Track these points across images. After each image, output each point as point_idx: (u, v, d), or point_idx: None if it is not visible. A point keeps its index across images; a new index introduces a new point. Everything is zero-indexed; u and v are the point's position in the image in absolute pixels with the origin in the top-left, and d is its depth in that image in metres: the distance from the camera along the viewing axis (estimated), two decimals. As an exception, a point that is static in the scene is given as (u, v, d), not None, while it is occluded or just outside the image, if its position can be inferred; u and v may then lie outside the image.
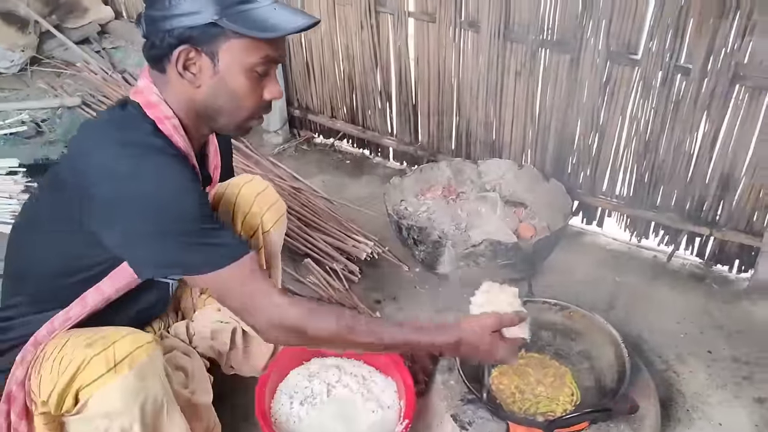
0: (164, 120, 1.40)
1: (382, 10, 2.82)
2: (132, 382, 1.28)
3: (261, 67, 1.39)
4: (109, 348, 1.28)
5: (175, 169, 1.33)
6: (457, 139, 2.93)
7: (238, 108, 1.42)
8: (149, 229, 1.30)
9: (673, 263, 2.55)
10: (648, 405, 1.75)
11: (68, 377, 1.27)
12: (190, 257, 1.32)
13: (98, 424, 1.30)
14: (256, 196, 1.76)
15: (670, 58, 2.23)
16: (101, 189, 1.29)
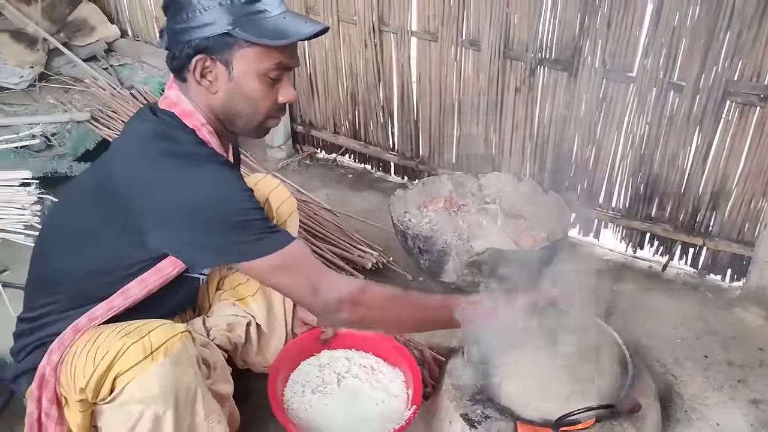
0: (201, 128, 1.51)
1: (386, 29, 2.92)
2: (168, 369, 1.35)
3: (274, 72, 1.49)
4: (145, 337, 1.35)
5: (227, 173, 1.46)
6: (457, 154, 3.02)
7: (254, 111, 1.53)
8: (213, 227, 1.40)
9: (667, 273, 2.64)
10: (649, 404, 1.82)
11: (106, 365, 1.33)
12: (246, 246, 1.42)
13: (133, 409, 1.36)
14: (271, 192, 1.90)
15: (664, 75, 2.34)
16: (159, 199, 1.40)
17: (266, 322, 1.96)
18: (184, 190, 1.40)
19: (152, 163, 1.43)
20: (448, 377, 1.93)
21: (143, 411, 1.36)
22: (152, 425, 1.38)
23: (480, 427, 1.77)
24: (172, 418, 1.38)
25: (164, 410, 1.37)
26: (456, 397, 1.86)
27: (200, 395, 1.43)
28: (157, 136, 1.48)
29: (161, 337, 1.36)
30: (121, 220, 1.44)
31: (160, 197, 1.40)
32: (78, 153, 3.02)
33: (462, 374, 1.87)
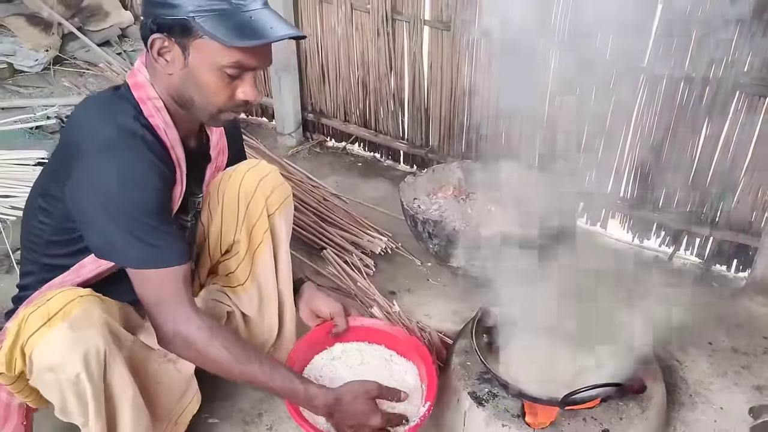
0: (146, 101, 1.50)
1: (399, 18, 2.95)
2: (67, 333, 1.33)
3: (231, 70, 1.44)
4: (44, 304, 1.35)
5: (141, 163, 1.43)
6: (467, 143, 3.05)
7: (206, 102, 1.49)
8: (101, 216, 1.42)
9: (673, 263, 2.66)
10: (655, 386, 1.85)
11: (12, 336, 1.35)
12: (127, 250, 1.44)
13: (48, 378, 1.36)
14: (260, 180, 1.79)
15: (674, 66, 2.37)
16: (78, 166, 1.42)
17: (257, 312, 1.88)
18: (93, 163, 1.41)
19: (85, 128, 1.48)
20: (456, 356, 1.97)
21: (58, 379, 1.35)
22: (74, 390, 1.37)
23: (487, 404, 1.80)
24: (87, 381, 1.36)
25: (75, 374, 1.34)
26: (464, 375, 1.89)
27: (109, 359, 1.39)
28: (102, 102, 1.52)
29: (59, 302, 1.36)
30: (62, 182, 1.47)
31: (82, 165, 1.41)
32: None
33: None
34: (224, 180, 1.79)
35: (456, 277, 2.54)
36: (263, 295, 1.86)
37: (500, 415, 1.77)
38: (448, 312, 2.35)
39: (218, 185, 1.79)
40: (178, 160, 1.56)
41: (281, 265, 1.86)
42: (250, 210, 1.77)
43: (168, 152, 1.53)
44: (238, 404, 2.00)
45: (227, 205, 1.78)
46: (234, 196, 1.77)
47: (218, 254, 1.87)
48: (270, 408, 1.99)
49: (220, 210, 1.79)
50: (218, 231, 1.81)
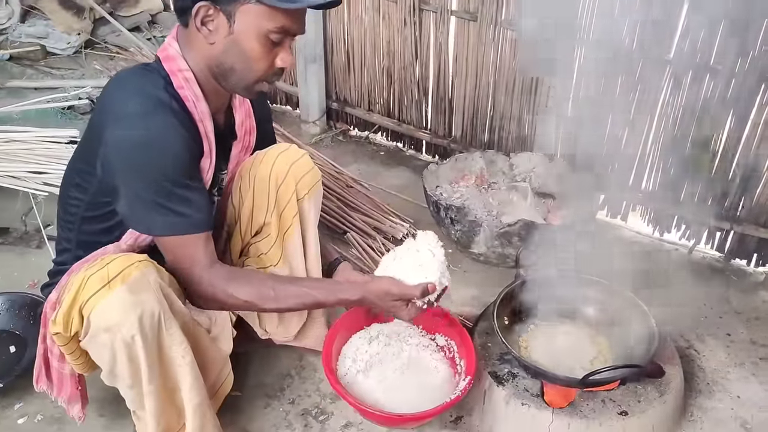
0: (177, 72, 1.53)
1: (426, 8, 2.98)
2: (125, 296, 1.38)
3: (275, 35, 1.47)
4: (104, 267, 1.40)
5: (166, 130, 1.46)
6: (490, 133, 3.07)
7: (248, 70, 1.52)
8: (127, 182, 1.47)
9: (693, 256, 2.68)
10: (673, 372, 1.88)
11: (71, 297, 1.39)
12: (150, 216, 1.49)
13: (103, 339, 1.41)
14: (291, 165, 1.82)
15: (701, 59, 2.38)
16: (107, 136, 1.45)
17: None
18: (123, 131, 1.44)
19: (115, 100, 1.50)
20: (477, 338, 2.00)
21: (113, 339, 1.39)
22: (127, 352, 1.41)
23: (507, 384, 1.84)
24: (141, 343, 1.40)
25: (131, 335, 1.39)
26: (484, 356, 1.93)
27: (165, 323, 1.44)
28: (133, 75, 1.55)
29: (119, 266, 1.40)
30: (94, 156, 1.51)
31: (110, 134, 1.45)
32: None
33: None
34: (255, 163, 1.83)
35: (477, 263, 2.57)
36: (294, 274, 1.89)
37: (520, 394, 1.80)
38: (468, 297, 2.38)
39: (249, 168, 1.83)
40: (207, 132, 1.59)
41: (309, 249, 1.91)
42: (281, 194, 1.81)
43: (195, 123, 1.56)
44: (260, 377, 2.05)
45: (258, 188, 1.82)
46: (265, 179, 1.81)
47: (249, 236, 1.91)
48: (292, 384, 2.03)
49: (252, 193, 1.83)
50: (249, 213, 1.86)
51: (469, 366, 1.84)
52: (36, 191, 2.54)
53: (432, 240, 1.74)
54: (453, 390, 1.81)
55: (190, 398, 1.54)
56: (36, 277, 2.39)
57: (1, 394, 1.93)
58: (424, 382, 1.85)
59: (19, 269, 2.47)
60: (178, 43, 1.56)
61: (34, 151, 2.64)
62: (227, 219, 1.91)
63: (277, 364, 2.09)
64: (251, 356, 2.09)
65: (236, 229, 1.90)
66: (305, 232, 1.87)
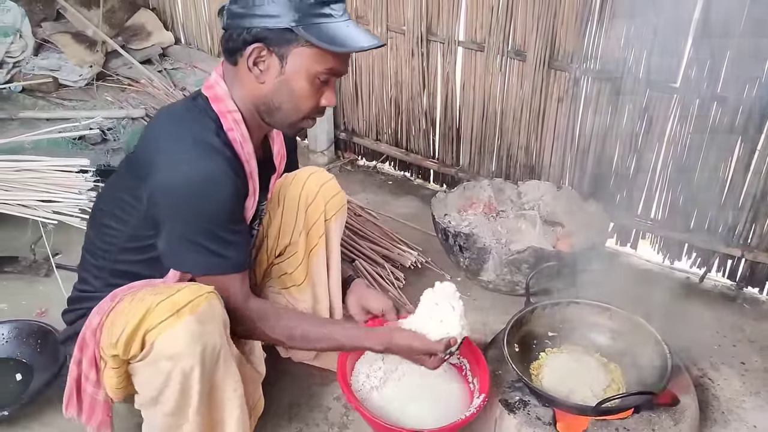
0: (227, 114, 1.56)
1: (433, 38, 3.02)
2: (194, 326, 1.39)
3: (324, 76, 1.52)
4: (174, 295, 1.41)
5: (219, 176, 1.48)
6: (497, 162, 3.08)
7: (295, 109, 1.56)
8: (172, 223, 1.49)
9: (704, 284, 2.65)
10: (688, 400, 1.85)
11: (137, 321, 1.39)
12: (191, 257, 1.51)
13: (163, 366, 1.40)
14: (321, 186, 1.91)
15: (707, 87, 2.39)
16: (159, 176, 1.47)
17: (310, 311, 1.99)
18: (174, 174, 1.45)
19: (164, 141, 1.52)
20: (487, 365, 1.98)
21: (172, 368, 1.40)
22: (182, 381, 1.42)
23: (518, 412, 1.81)
24: (198, 375, 1.42)
25: (191, 366, 1.40)
26: (494, 383, 1.90)
27: (223, 356, 1.46)
28: (181, 116, 1.56)
29: (188, 296, 1.41)
30: (140, 193, 1.53)
31: (163, 176, 1.47)
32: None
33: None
34: (285, 184, 1.89)
35: (486, 291, 2.56)
36: (316, 295, 1.98)
37: (531, 422, 1.77)
38: (478, 324, 2.36)
39: (279, 189, 1.89)
40: (252, 172, 1.62)
41: (332, 269, 1.97)
42: (309, 213, 1.88)
43: (243, 165, 1.58)
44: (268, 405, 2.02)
45: (287, 207, 1.88)
46: (295, 198, 1.87)
47: (273, 256, 1.97)
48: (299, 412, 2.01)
49: (281, 212, 1.89)
50: (277, 232, 1.92)
51: (482, 384, 1.83)
52: (46, 220, 2.54)
53: (450, 292, 1.76)
54: (467, 408, 1.80)
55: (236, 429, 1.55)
56: (44, 306, 2.39)
57: (7, 423, 1.91)
58: (437, 399, 1.84)
59: (27, 298, 2.47)
60: (225, 81, 1.58)
61: (45, 180, 2.65)
62: (255, 240, 1.93)
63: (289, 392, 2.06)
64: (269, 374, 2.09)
65: (263, 248, 1.95)
66: (329, 252, 1.94)
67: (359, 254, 2.68)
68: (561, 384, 1.89)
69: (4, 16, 3.63)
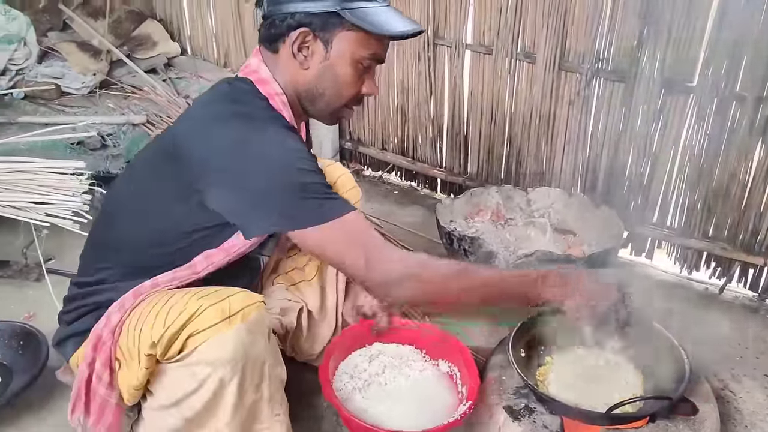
0: (275, 96, 1.52)
1: (440, 42, 2.94)
2: (244, 335, 1.33)
3: (367, 61, 1.50)
4: (224, 300, 1.34)
5: (292, 136, 1.45)
6: (506, 169, 2.98)
7: (338, 95, 1.53)
8: (269, 185, 1.38)
9: (724, 296, 2.52)
10: (708, 410, 1.70)
11: (182, 323, 1.32)
12: (303, 210, 1.38)
13: (200, 371, 1.33)
14: (338, 178, 1.89)
15: (725, 86, 2.28)
16: (224, 159, 1.39)
17: (318, 309, 1.93)
18: (246, 147, 1.38)
19: (216, 121, 1.44)
20: (491, 371, 1.85)
21: (210, 374, 1.33)
22: (216, 390, 1.34)
23: (524, 420, 1.67)
24: (236, 387, 1.34)
25: (231, 377, 1.33)
26: (498, 390, 1.77)
27: (268, 372, 1.40)
28: (227, 98, 1.50)
29: (240, 303, 1.35)
30: (179, 185, 1.45)
31: (220, 153, 1.39)
32: (131, 155, 3.07)
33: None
34: None
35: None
36: (326, 292, 1.93)
37: (537, 430, 1.64)
38: (484, 332, 2.23)
39: None
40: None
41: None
42: None
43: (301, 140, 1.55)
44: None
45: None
46: None
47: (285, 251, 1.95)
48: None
49: None
50: None
51: (471, 392, 1.71)
52: (37, 222, 2.47)
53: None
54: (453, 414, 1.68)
55: None
56: (32, 310, 2.32)
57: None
58: (423, 405, 1.73)
59: (15, 302, 2.39)
60: (267, 66, 1.54)
61: (38, 182, 2.58)
62: None
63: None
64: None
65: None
66: None
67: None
68: (569, 391, 1.74)
69: (9, 24, 3.60)
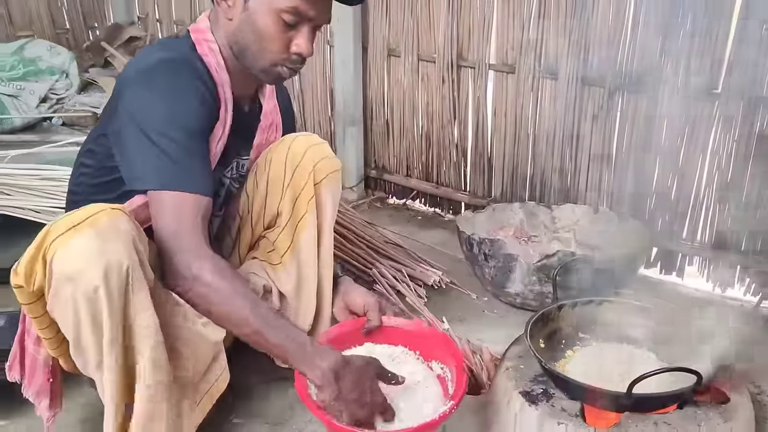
0: (202, 42, 1.56)
1: (464, 64, 2.97)
2: (92, 241, 1.23)
3: (288, 15, 1.47)
4: (73, 214, 1.27)
5: (182, 81, 1.46)
6: (530, 189, 2.93)
7: (262, 49, 1.52)
8: (131, 129, 1.42)
9: (760, 311, 2.38)
10: (741, 400, 1.58)
11: (36, 244, 1.25)
12: (150, 164, 1.41)
13: (65, 293, 1.24)
14: (309, 147, 1.72)
15: (751, 90, 2.24)
16: (129, 82, 1.46)
17: (294, 293, 1.76)
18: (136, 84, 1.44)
19: (134, 63, 1.52)
20: (508, 361, 1.76)
21: (74, 292, 1.23)
22: (89, 308, 1.24)
23: (541, 404, 1.57)
24: (105, 298, 1.23)
25: (94, 286, 1.22)
26: (515, 377, 1.68)
27: (133, 280, 1.27)
28: (158, 43, 1.61)
29: (87, 212, 1.26)
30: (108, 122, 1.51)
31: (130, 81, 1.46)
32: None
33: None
34: (272, 148, 1.77)
35: (513, 308, 2.36)
36: (302, 274, 1.74)
37: (556, 414, 1.53)
38: (502, 336, 2.13)
39: (266, 155, 1.77)
40: (226, 99, 1.57)
41: (323, 244, 1.76)
42: (296, 176, 1.70)
43: (216, 87, 1.54)
44: (263, 407, 1.85)
45: (273, 172, 1.72)
46: (281, 160, 1.71)
47: (261, 228, 1.80)
48: (293, 415, 1.82)
49: (266, 177, 1.74)
50: (263, 200, 1.76)
51: (456, 394, 1.54)
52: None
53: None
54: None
55: (144, 375, 1.33)
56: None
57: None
58: (410, 407, 1.57)
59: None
60: (209, 21, 1.60)
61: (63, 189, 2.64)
62: (240, 210, 1.81)
63: (283, 395, 1.88)
64: (259, 386, 1.92)
65: (247, 218, 1.79)
66: (321, 223, 1.73)
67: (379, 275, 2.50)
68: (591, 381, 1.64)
69: (54, 58, 3.79)
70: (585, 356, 1.76)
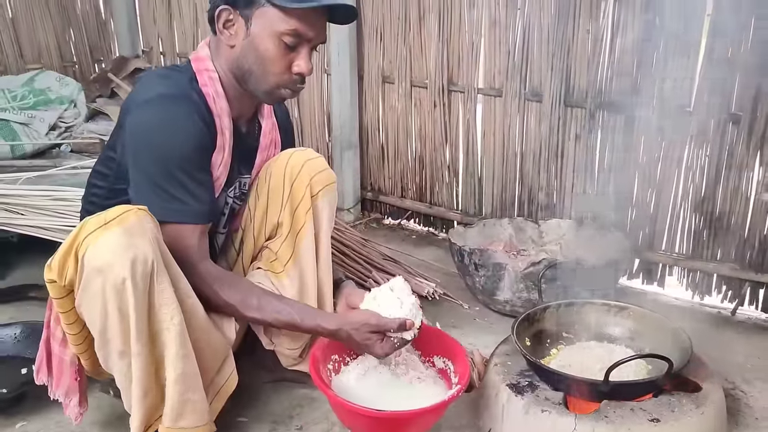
0: (203, 72, 1.65)
1: (454, 89, 3.14)
2: (120, 237, 1.35)
3: (288, 38, 1.57)
4: (103, 213, 1.39)
5: (180, 116, 1.55)
6: (519, 206, 3.08)
7: (264, 72, 1.61)
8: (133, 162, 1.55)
9: (737, 317, 2.52)
10: (712, 389, 1.70)
11: (69, 241, 1.37)
12: (149, 198, 1.52)
13: (95, 286, 1.36)
14: (306, 161, 1.83)
15: (721, 107, 2.40)
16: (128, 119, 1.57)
17: (297, 298, 1.84)
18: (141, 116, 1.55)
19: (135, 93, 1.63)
20: (496, 358, 1.89)
21: (103, 284, 1.35)
22: (117, 300, 1.37)
23: (527, 394, 1.70)
24: (131, 289, 1.36)
25: (122, 278, 1.35)
26: (503, 372, 1.81)
27: (157, 274, 1.41)
28: (158, 72, 1.72)
29: (117, 211, 1.40)
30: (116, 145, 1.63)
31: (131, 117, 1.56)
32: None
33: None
34: (271, 163, 1.88)
35: (504, 317, 2.48)
36: (304, 281, 1.86)
37: (540, 402, 1.66)
38: (492, 341, 2.23)
39: (266, 169, 1.88)
40: (223, 128, 1.66)
41: (322, 252, 1.87)
42: (294, 189, 1.81)
43: (213, 117, 1.64)
44: (269, 405, 1.95)
45: (273, 185, 1.84)
46: (280, 174, 1.83)
47: (262, 238, 1.91)
48: (301, 412, 1.93)
49: (266, 190, 1.85)
50: (263, 212, 1.87)
51: (461, 377, 1.70)
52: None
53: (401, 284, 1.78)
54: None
55: (173, 367, 1.47)
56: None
57: (7, 406, 1.90)
58: (414, 394, 1.71)
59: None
60: (209, 49, 1.69)
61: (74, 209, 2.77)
62: (242, 223, 1.93)
63: (288, 394, 2.00)
64: (263, 386, 2.02)
65: (250, 230, 1.90)
66: (318, 233, 1.85)
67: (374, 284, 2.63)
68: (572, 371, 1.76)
69: (62, 89, 3.94)
70: (568, 353, 1.89)
